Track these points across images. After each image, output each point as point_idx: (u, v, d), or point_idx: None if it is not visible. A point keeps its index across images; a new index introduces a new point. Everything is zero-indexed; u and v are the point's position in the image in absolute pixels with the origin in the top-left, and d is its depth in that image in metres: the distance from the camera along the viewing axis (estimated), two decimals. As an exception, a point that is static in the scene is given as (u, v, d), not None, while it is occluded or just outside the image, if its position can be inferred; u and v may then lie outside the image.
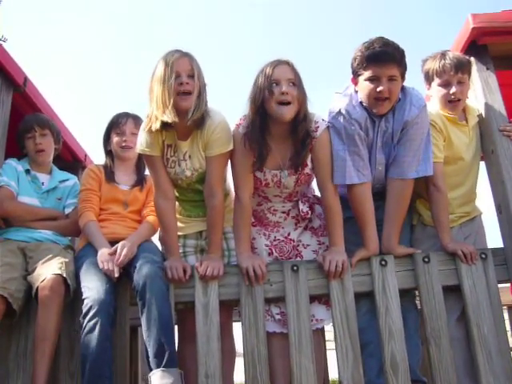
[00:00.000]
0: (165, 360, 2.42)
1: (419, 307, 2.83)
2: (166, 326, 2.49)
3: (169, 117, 2.59)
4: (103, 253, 2.72)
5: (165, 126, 2.65)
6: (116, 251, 2.70)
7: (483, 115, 3.05)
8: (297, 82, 2.64)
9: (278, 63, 2.66)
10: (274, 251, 2.91)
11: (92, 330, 2.45)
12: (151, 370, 2.45)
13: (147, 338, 2.49)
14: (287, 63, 2.67)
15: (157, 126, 2.64)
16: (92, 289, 2.57)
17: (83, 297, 2.57)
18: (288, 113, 2.61)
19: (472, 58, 3.09)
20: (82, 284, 2.64)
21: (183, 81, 2.62)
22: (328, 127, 2.77)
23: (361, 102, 2.78)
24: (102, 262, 2.68)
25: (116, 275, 2.64)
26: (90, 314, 2.48)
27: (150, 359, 2.46)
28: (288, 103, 2.60)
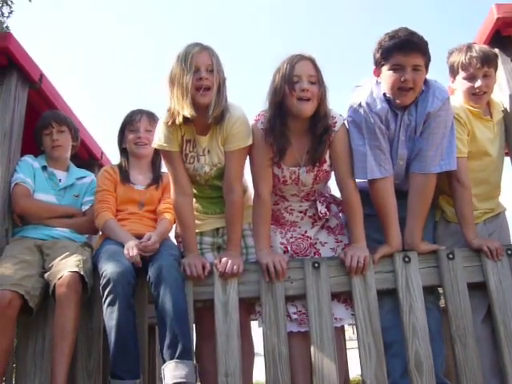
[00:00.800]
0: (178, 351, 2.39)
1: (443, 306, 2.76)
2: (181, 317, 2.46)
3: (187, 112, 2.56)
4: (131, 244, 2.68)
5: (185, 120, 2.61)
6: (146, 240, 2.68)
7: (508, 107, 2.98)
8: (318, 79, 2.61)
9: (300, 58, 2.63)
10: (289, 249, 2.87)
11: (113, 301, 2.44)
12: (165, 362, 2.41)
13: (161, 328, 2.46)
14: (309, 59, 2.64)
15: (180, 120, 2.61)
16: (109, 263, 2.56)
17: (101, 272, 2.55)
18: (307, 109, 2.59)
19: (496, 50, 3.02)
20: (100, 265, 2.61)
21: (202, 76, 2.58)
22: (346, 121, 2.74)
23: (384, 94, 2.72)
24: (127, 249, 2.64)
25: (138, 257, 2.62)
26: (109, 286, 2.46)
27: (164, 351, 2.43)
28: (308, 100, 2.58)
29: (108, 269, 2.51)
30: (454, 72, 2.95)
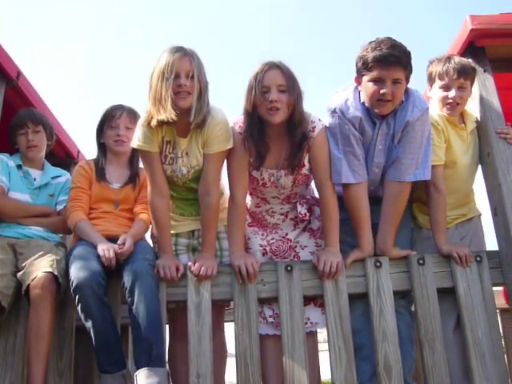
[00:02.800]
0: (151, 358, 2.40)
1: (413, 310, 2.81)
2: (154, 324, 2.46)
3: (165, 116, 2.56)
4: (105, 245, 2.67)
5: (164, 122, 2.60)
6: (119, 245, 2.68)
7: (480, 118, 3.04)
8: (288, 87, 2.60)
9: (268, 68, 2.62)
10: (268, 250, 2.89)
11: (85, 305, 2.45)
12: (138, 368, 2.41)
13: (134, 335, 2.47)
14: (278, 66, 2.63)
15: (154, 122, 2.61)
16: (77, 267, 2.55)
17: (70, 276, 2.55)
18: (277, 118, 2.60)
19: (470, 60, 3.07)
20: (69, 269, 2.60)
21: (181, 82, 2.58)
22: (325, 127, 2.75)
23: (363, 103, 2.75)
24: (102, 250, 2.64)
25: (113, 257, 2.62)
26: (79, 291, 2.46)
27: (137, 357, 2.43)
28: (277, 109, 2.59)
29: (75, 273, 2.51)
30: (431, 80, 3.00)
